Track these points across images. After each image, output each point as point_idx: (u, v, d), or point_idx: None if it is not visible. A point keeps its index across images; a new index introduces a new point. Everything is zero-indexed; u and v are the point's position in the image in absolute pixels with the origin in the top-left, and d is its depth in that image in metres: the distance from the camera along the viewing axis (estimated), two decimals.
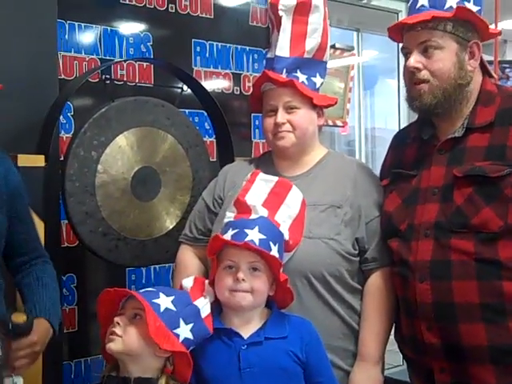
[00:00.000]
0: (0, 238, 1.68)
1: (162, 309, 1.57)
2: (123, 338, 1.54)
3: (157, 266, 2.75)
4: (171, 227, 2.41)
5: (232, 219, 1.75)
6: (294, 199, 1.82)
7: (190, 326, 1.61)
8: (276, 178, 1.85)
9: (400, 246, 1.78)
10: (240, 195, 1.78)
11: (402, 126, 4.11)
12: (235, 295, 1.64)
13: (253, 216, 1.72)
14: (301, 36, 2.02)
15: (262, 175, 1.84)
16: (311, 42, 2.03)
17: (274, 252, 1.66)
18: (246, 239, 1.63)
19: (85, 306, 2.69)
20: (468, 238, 1.66)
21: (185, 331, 1.59)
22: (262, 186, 1.81)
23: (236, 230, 1.67)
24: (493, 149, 1.69)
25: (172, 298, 1.61)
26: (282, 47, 2.01)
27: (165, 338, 1.55)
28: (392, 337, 1.93)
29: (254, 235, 1.64)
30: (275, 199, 1.78)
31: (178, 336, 1.58)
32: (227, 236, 1.67)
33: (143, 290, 1.64)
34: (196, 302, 1.65)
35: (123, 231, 2.29)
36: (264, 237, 1.65)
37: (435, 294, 1.67)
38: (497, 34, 1.90)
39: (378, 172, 2.05)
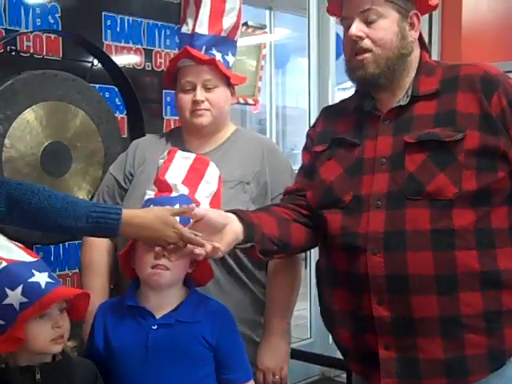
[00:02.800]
0: None
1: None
2: (65, 336, 1.54)
3: (66, 243, 2.69)
4: None
5: (152, 196, 1.74)
6: (212, 175, 1.82)
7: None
8: (194, 155, 1.84)
9: (344, 218, 1.70)
10: (160, 174, 1.77)
11: (313, 106, 4.25)
12: (155, 273, 1.63)
13: (173, 194, 1.71)
14: (219, 13, 2.03)
15: (180, 153, 1.83)
16: (228, 21, 2.04)
17: None
18: None
19: None
20: (423, 205, 1.60)
21: None
22: (181, 163, 1.80)
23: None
24: (441, 115, 1.65)
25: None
26: (202, 23, 2.00)
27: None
28: (298, 312, 1.96)
29: None
30: (195, 176, 1.78)
31: None
32: None
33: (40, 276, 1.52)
34: None
35: None
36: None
37: (389, 266, 1.61)
38: (434, 6, 1.83)
39: (289, 148, 2.08)
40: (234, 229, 1.66)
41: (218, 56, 2.00)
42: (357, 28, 1.69)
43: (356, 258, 1.66)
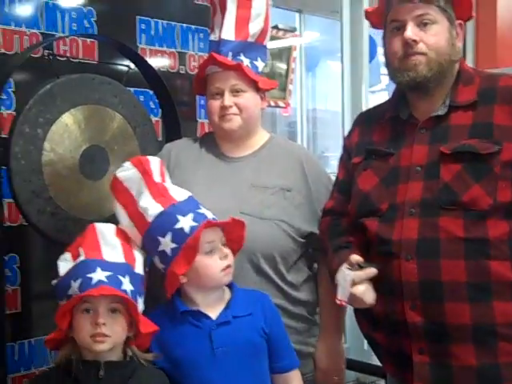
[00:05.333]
0: None
1: (129, 294, 1.56)
2: (111, 338, 1.53)
3: None
4: None
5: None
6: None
7: (143, 298, 1.63)
8: (158, 158, 1.85)
9: (380, 226, 1.73)
10: (149, 180, 1.75)
11: (346, 108, 4.23)
12: (226, 273, 1.69)
13: None
14: (245, 20, 2.03)
15: (148, 157, 1.81)
16: (255, 27, 2.04)
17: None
18: None
19: (28, 286, 2.63)
20: (457, 215, 1.63)
21: (141, 305, 1.61)
22: (154, 165, 1.79)
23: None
24: (478, 127, 1.68)
25: (128, 277, 1.59)
26: (228, 30, 2.01)
27: (143, 324, 1.56)
28: None
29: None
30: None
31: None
32: None
33: (101, 275, 1.56)
34: (137, 270, 1.64)
35: (72, 211, 2.25)
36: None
37: (422, 272, 1.64)
38: (472, 17, 1.87)
39: (319, 151, 2.08)
40: None
41: (246, 61, 2.01)
42: (412, 31, 1.70)
43: (390, 264, 1.69)
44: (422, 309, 1.64)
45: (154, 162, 1.78)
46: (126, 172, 1.78)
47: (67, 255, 1.66)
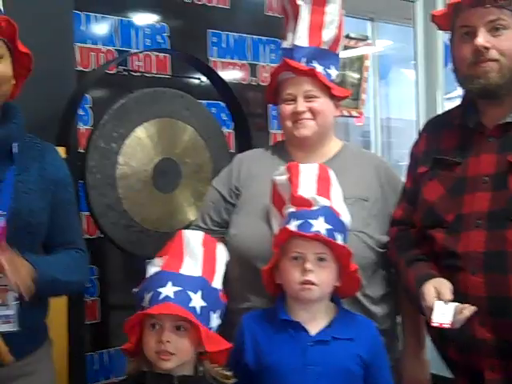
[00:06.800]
0: (40, 225, 1.66)
1: (198, 310, 1.53)
2: (176, 356, 1.51)
3: None
4: (193, 218, 2.38)
5: (294, 210, 1.71)
6: (335, 180, 1.79)
7: (218, 313, 1.59)
8: (316, 165, 1.81)
9: (446, 238, 1.69)
10: (293, 191, 1.74)
11: (422, 117, 4.14)
12: (304, 288, 1.62)
13: (314, 207, 1.68)
14: (318, 26, 2.00)
15: (301, 165, 1.80)
16: (328, 33, 2.01)
17: (340, 242, 1.65)
18: (312, 230, 1.62)
19: (107, 297, 2.69)
20: None
21: (215, 321, 1.58)
22: (307, 175, 1.77)
23: (301, 221, 1.64)
24: None
25: (200, 292, 1.56)
26: (301, 36, 1.98)
27: (212, 341, 1.53)
28: None
29: (319, 226, 1.63)
30: (324, 185, 1.75)
31: (211, 329, 1.55)
32: (292, 227, 1.65)
33: (169, 290, 1.55)
34: (213, 283, 1.61)
35: (145, 223, 2.29)
36: (330, 227, 1.63)
37: (489, 287, 1.59)
38: None
39: (394, 161, 2.02)
40: None
41: (319, 68, 1.97)
42: (484, 38, 1.64)
43: (457, 278, 1.63)
44: (491, 325, 1.59)
45: (305, 171, 1.77)
46: (280, 177, 1.79)
47: (157, 260, 1.65)
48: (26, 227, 1.61)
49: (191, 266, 1.60)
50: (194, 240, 1.65)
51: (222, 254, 1.69)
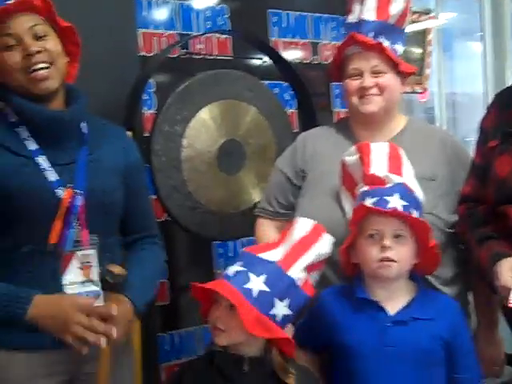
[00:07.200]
0: (113, 204, 1.68)
1: (254, 293, 1.49)
2: (227, 333, 1.52)
3: (244, 239, 2.73)
4: (258, 199, 2.37)
5: (366, 189, 1.70)
6: (406, 158, 1.76)
7: (287, 301, 1.52)
8: (386, 143, 1.79)
9: None
10: (365, 170, 1.72)
11: (490, 90, 4.02)
12: (382, 266, 1.61)
13: (388, 185, 1.66)
14: (386, 0, 1.94)
15: (372, 144, 1.77)
16: (396, 7, 1.94)
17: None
18: (389, 206, 1.60)
19: (175, 279, 2.71)
20: None
21: (281, 309, 1.51)
22: (378, 154, 1.74)
23: (376, 198, 1.63)
24: None
25: (263, 277, 1.51)
26: (369, 9, 1.92)
27: (262, 327, 1.48)
28: None
29: (395, 202, 1.61)
30: (395, 163, 1.73)
31: (273, 317, 1.50)
32: (368, 204, 1.63)
33: (232, 269, 1.56)
34: (290, 272, 1.54)
35: (210, 205, 2.30)
36: (406, 203, 1.62)
37: None
38: None
39: (460, 137, 1.95)
40: None
41: (386, 43, 1.91)
42: None
43: None
44: None
45: (376, 150, 1.74)
46: (350, 157, 1.78)
47: None
48: (100, 207, 1.63)
49: (273, 252, 1.58)
50: (299, 227, 1.62)
51: (321, 246, 1.62)
